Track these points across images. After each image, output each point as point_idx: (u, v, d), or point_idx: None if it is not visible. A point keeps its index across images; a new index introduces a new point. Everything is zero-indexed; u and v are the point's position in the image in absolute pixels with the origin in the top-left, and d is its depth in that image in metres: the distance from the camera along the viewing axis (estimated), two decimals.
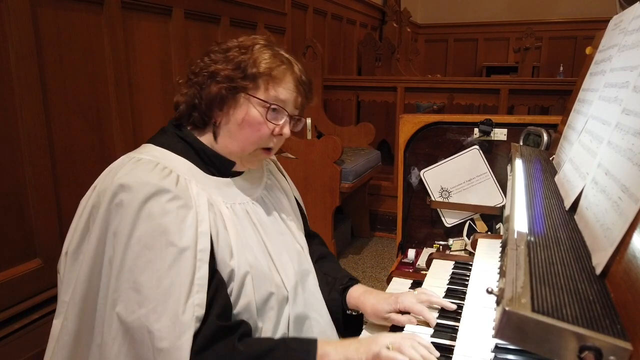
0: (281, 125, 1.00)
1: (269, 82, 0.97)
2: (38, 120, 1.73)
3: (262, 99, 0.97)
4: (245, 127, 0.97)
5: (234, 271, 0.92)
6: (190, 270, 0.85)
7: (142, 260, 0.84)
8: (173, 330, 0.82)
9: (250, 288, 0.94)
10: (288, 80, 0.99)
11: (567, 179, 1.00)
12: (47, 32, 1.76)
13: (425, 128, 1.73)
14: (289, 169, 3.07)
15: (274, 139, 1.02)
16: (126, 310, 0.84)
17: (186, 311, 0.83)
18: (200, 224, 0.89)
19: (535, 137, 1.57)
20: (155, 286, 0.83)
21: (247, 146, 1.00)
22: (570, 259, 0.70)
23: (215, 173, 1.01)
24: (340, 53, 4.87)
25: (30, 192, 1.73)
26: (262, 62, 0.97)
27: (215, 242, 0.91)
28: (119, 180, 0.88)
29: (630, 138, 0.73)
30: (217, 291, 0.89)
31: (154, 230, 0.85)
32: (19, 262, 1.72)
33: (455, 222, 1.74)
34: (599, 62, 1.19)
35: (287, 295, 1.02)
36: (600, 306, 0.57)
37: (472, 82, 3.71)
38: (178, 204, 0.88)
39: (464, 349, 0.85)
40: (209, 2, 2.70)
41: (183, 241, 0.85)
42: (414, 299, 1.06)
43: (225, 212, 0.97)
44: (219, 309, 0.88)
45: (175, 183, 0.90)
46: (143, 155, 0.94)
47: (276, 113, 0.99)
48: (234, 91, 0.96)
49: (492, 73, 6.43)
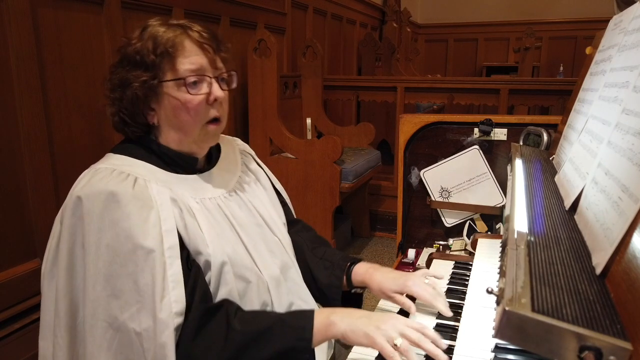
0: (209, 91, 0.95)
1: (171, 59, 0.93)
2: (38, 120, 1.73)
3: (174, 78, 0.93)
4: (178, 112, 0.94)
5: (210, 260, 0.92)
6: (160, 269, 0.84)
7: (115, 266, 0.84)
8: (155, 329, 0.83)
9: (230, 277, 0.94)
10: (188, 46, 0.94)
11: (567, 179, 0.99)
12: (47, 32, 1.77)
13: (425, 128, 1.73)
14: (289, 169, 3.09)
15: (213, 108, 0.97)
16: (110, 317, 0.85)
17: (162, 309, 0.83)
18: (164, 223, 0.88)
19: (535, 137, 1.57)
20: (133, 289, 0.84)
21: (190, 128, 0.96)
22: (570, 258, 0.70)
23: (181, 172, 0.99)
24: (340, 53, 4.87)
25: (30, 192, 1.73)
26: (156, 43, 0.92)
27: (184, 235, 0.91)
28: (77, 192, 0.88)
29: (630, 138, 0.73)
30: (196, 281, 0.89)
31: (119, 236, 0.85)
32: (18, 262, 1.72)
33: (455, 222, 1.74)
34: (599, 62, 1.19)
35: (267, 283, 1.01)
36: (600, 306, 0.57)
37: (472, 82, 3.71)
38: (138, 205, 0.87)
39: (464, 349, 0.85)
40: (209, 2, 2.70)
41: (148, 242, 0.85)
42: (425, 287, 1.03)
43: (194, 206, 0.95)
44: (201, 294, 0.88)
45: (133, 185, 0.89)
46: (102, 164, 0.94)
47: (196, 84, 0.94)
48: (146, 85, 0.93)
49: (492, 73, 6.43)
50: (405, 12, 6.01)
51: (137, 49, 0.93)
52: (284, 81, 3.30)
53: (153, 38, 0.93)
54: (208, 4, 2.69)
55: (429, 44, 7.14)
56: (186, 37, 0.94)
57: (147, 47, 0.93)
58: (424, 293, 1.02)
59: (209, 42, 0.96)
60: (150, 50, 0.92)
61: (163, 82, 0.93)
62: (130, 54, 0.94)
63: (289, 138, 2.95)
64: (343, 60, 4.94)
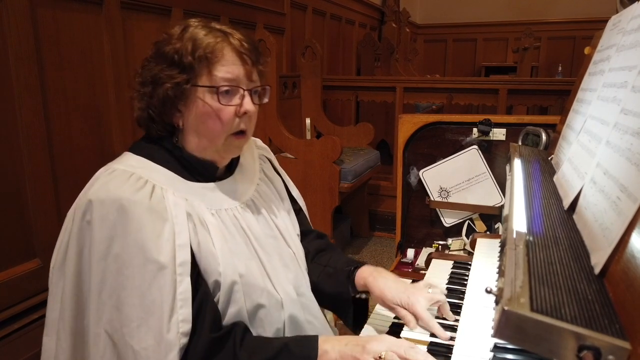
0: (240, 103, 0.93)
1: (209, 64, 0.90)
2: (37, 121, 1.72)
3: (208, 85, 0.91)
4: (205, 119, 0.92)
5: (221, 280, 0.90)
6: (171, 287, 0.82)
7: (122, 277, 0.82)
8: (158, 350, 0.80)
9: (240, 296, 0.92)
10: (228, 55, 0.91)
11: (565, 179, 1.00)
12: (46, 33, 1.76)
13: (424, 128, 1.73)
14: (288, 169, 3.06)
15: (241, 120, 0.95)
16: (111, 328, 0.83)
17: (171, 329, 0.81)
18: (177, 237, 0.85)
19: (534, 137, 1.57)
20: (137, 304, 0.81)
21: (215, 138, 0.94)
22: (569, 258, 0.70)
23: (200, 179, 0.97)
24: (340, 53, 4.88)
25: (30, 192, 1.72)
26: (196, 46, 0.90)
27: (197, 252, 0.89)
28: (90, 195, 0.85)
29: (628, 138, 0.73)
30: (204, 302, 0.87)
31: (130, 247, 0.82)
32: (18, 262, 1.71)
33: (454, 221, 1.74)
34: (598, 62, 1.19)
35: (281, 300, 0.99)
36: (599, 305, 0.58)
37: (471, 82, 3.71)
38: (152, 217, 0.84)
39: (463, 349, 0.85)
40: (208, 2, 2.70)
41: (161, 257, 0.82)
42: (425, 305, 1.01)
43: (209, 220, 0.93)
44: (209, 320, 0.86)
45: (150, 195, 0.87)
46: (120, 165, 0.92)
47: (229, 93, 0.92)
48: (179, 87, 0.91)
49: (491, 73, 6.44)
50: (404, 12, 6.01)
51: (176, 48, 0.91)
52: (283, 81, 3.31)
53: (193, 40, 0.90)
54: (207, 4, 2.69)
55: (428, 44, 7.15)
56: (227, 44, 0.92)
57: (186, 48, 0.90)
58: (424, 315, 0.99)
59: (248, 52, 0.94)
60: (188, 52, 0.90)
61: (196, 86, 0.91)
62: (169, 52, 0.92)
63: (289, 138, 2.95)
64: (342, 60, 4.95)
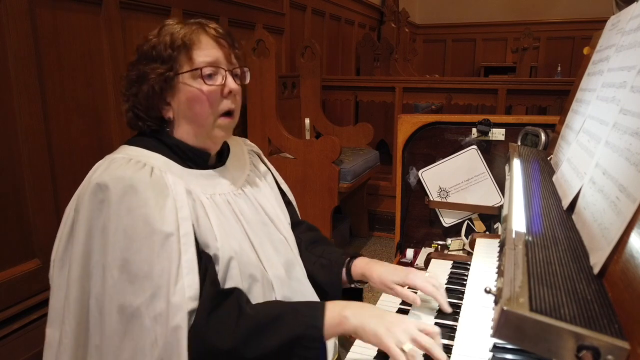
0: (224, 83, 0.98)
1: (188, 51, 0.96)
2: (36, 121, 1.72)
3: (190, 69, 0.95)
4: (193, 104, 0.97)
5: (218, 255, 0.93)
6: (176, 255, 0.86)
7: (131, 251, 0.86)
8: (168, 313, 0.83)
9: (236, 273, 0.95)
10: (205, 40, 0.97)
11: (564, 179, 1.00)
12: (45, 33, 1.76)
13: (423, 128, 1.73)
14: (288, 169, 3.09)
15: (227, 101, 0.99)
16: (125, 302, 0.85)
17: (176, 293, 0.84)
18: (179, 210, 0.90)
19: (533, 137, 1.58)
20: (147, 274, 0.85)
21: (204, 120, 0.98)
22: (568, 258, 0.70)
23: (193, 167, 1.01)
24: (339, 53, 4.88)
25: (29, 192, 1.72)
26: (173, 38, 0.95)
27: (196, 226, 0.92)
28: (95, 179, 0.90)
29: (627, 138, 0.73)
30: (207, 269, 0.91)
31: (136, 221, 0.86)
32: (17, 262, 1.72)
33: (453, 221, 1.74)
34: (597, 62, 1.19)
35: (272, 283, 1.02)
36: (598, 305, 0.58)
37: (470, 82, 3.71)
38: (155, 192, 0.89)
39: (462, 349, 0.85)
40: (207, 2, 2.70)
41: (165, 227, 0.86)
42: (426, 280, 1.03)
43: (205, 201, 0.97)
44: (210, 279, 0.90)
45: (150, 174, 0.91)
46: (117, 154, 0.96)
47: (212, 76, 0.97)
48: (163, 79, 0.96)
49: (490, 73, 6.45)
50: (403, 12, 6.01)
51: (153, 44, 0.97)
52: (283, 81, 3.30)
53: (170, 34, 0.96)
54: (207, 4, 2.69)
55: (427, 44, 7.15)
56: (203, 32, 0.97)
57: (164, 42, 0.96)
58: (426, 285, 1.02)
59: (224, 37, 0.99)
60: (167, 45, 0.95)
61: (179, 74, 0.96)
62: (147, 50, 0.97)
63: (288, 138, 2.95)
64: (341, 60, 4.95)
